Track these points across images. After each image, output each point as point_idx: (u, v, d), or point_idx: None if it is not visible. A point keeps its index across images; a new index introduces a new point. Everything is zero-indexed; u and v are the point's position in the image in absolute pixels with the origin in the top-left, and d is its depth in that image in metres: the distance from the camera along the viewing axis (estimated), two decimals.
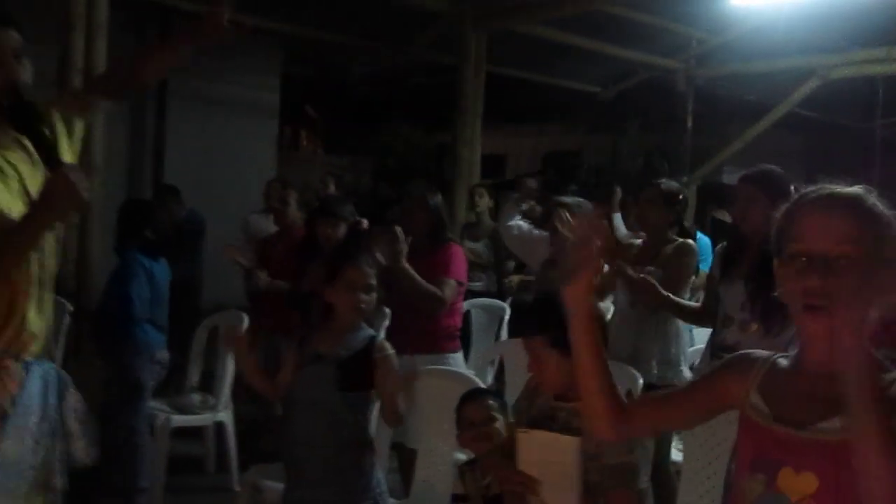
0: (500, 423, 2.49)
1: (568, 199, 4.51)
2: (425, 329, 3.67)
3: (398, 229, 3.52)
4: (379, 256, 3.39)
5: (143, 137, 7.96)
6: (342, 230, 4.13)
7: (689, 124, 8.95)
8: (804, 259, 1.37)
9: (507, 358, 3.97)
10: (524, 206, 5.35)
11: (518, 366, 3.04)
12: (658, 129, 10.61)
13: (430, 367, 3.31)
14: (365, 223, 4.27)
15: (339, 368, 2.71)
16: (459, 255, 3.86)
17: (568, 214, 4.12)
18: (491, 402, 2.55)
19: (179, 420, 4.26)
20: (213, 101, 8.02)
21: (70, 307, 4.37)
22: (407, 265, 3.53)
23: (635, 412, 1.58)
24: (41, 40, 5.42)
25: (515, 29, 7.44)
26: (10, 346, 1.99)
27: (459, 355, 3.86)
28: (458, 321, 3.91)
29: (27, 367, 2.02)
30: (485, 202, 6.68)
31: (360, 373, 2.72)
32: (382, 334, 3.60)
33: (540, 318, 2.43)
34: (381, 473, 2.76)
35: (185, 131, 7.93)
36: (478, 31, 7.15)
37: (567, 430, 2.27)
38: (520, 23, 7.39)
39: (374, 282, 2.81)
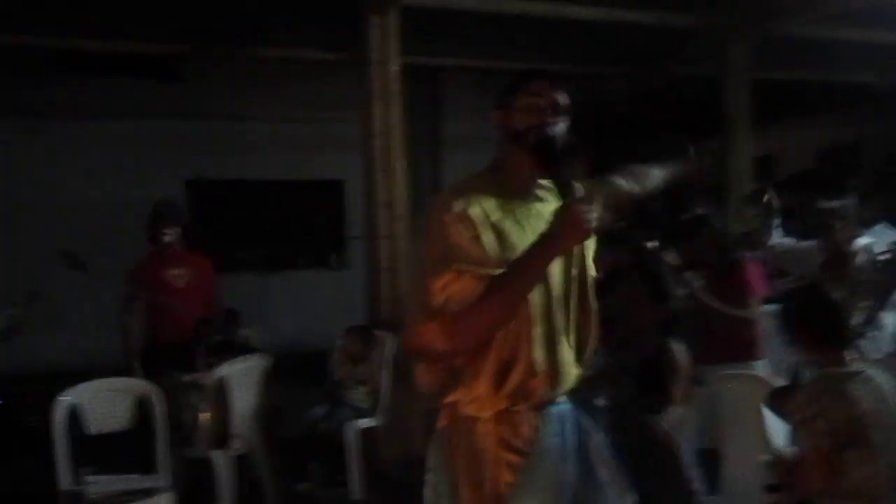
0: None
1: (834, 204, 4.45)
2: (727, 339, 3.79)
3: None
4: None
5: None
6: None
7: None
8: None
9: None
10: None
11: None
12: None
13: (729, 371, 3.49)
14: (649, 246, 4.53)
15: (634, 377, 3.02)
16: (755, 270, 3.97)
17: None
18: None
19: None
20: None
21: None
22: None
23: None
24: (348, 108, 6.30)
25: (772, 33, 7.31)
26: (518, 389, 1.89)
27: (761, 363, 3.84)
28: (758, 330, 3.92)
29: (543, 411, 1.92)
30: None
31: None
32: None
33: (800, 315, 2.60)
34: (694, 470, 2.98)
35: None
36: (736, 40, 7.13)
37: None
38: (781, 26, 7.25)
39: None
